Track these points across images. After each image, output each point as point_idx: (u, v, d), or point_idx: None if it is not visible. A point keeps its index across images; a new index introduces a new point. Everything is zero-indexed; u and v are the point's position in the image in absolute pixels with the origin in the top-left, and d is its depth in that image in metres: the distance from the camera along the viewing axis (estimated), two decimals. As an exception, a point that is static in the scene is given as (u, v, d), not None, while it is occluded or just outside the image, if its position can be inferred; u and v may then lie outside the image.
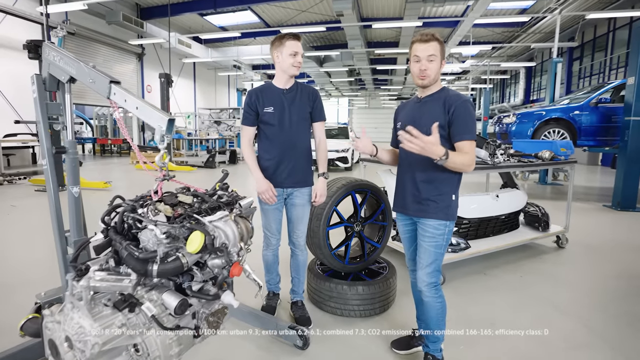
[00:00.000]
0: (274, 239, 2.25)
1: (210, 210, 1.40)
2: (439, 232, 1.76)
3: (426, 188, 1.78)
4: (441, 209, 1.76)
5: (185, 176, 9.84)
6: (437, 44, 1.74)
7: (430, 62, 1.74)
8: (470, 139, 1.70)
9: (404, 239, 1.99)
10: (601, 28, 16.21)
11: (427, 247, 1.78)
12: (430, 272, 1.78)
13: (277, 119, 2.13)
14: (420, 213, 1.80)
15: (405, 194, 1.87)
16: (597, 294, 2.85)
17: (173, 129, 1.40)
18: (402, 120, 1.89)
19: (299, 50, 2.09)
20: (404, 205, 1.88)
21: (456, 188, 1.82)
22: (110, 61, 15.36)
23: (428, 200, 1.78)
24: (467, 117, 1.70)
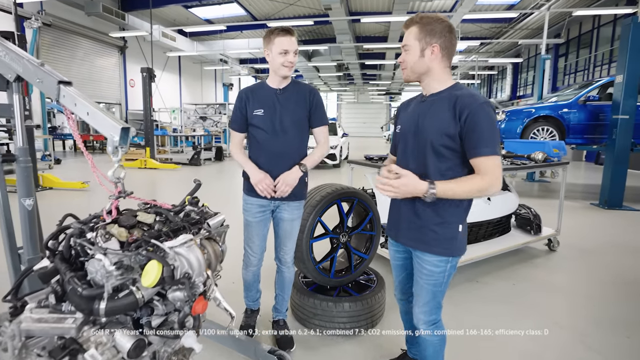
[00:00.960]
0: (255, 258, 2.01)
1: (173, 232, 1.22)
2: (439, 269, 1.42)
3: (426, 214, 1.41)
4: (442, 242, 1.40)
5: (169, 175, 9.55)
6: (415, 28, 1.37)
7: (405, 52, 1.41)
8: (490, 153, 1.28)
9: (394, 266, 1.69)
10: (586, 25, 16.37)
11: (424, 285, 1.46)
12: (429, 310, 1.48)
13: (266, 122, 1.87)
14: (416, 244, 1.46)
15: (399, 218, 1.52)
16: (592, 302, 2.76)
17: (128, 139, 1.22)
18: (402, 123, 1.54)
19: (290, 48, 1.80)
20: (397, 232, 1.55)
21: (464, 217, 1.44)
22: (90, 54, 14.83)
23: (426, 230, 1.42)
24: (485, 125, 1.28)
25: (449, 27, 1.37)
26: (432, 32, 1.36)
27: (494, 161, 1.29)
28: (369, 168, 3.14)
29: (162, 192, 7.77)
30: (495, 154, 1.30)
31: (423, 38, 1.37)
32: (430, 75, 1.41)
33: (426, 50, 1.37)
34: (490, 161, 1.29)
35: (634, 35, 5.74)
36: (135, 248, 1.10)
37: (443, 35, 1.36)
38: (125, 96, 16.91)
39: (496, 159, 1.30)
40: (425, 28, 1.36)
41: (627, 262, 3.57)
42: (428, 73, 1.41)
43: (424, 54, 1.38)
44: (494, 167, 1.29)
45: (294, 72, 1.93)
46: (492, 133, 1.30)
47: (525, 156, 3.65)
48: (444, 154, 1.37)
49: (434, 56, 1.37)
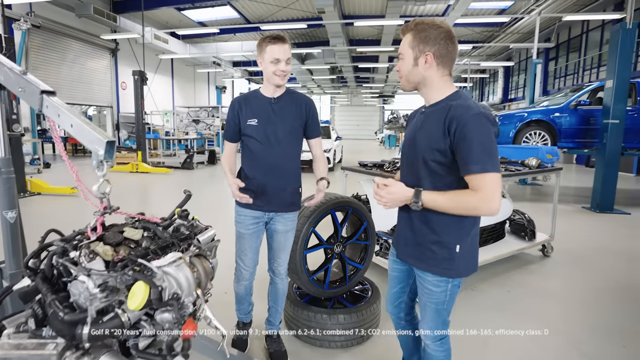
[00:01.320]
0: (247, 272, 1.95)
1: (161, 249, 1.17)
2: (439, 289, 1.36)
3: (422, 231, 1.34)
4: (440, 262, 1.32)
5: (161, 179, 9.44)
6: (409, 35, 1.30)
7: (401, 60, 1.34)
8: (479, 171, 1.16)
9: (390, 277, 1.60)
10: (575, 30, 16.63)
11: (427, 303, 1.40)
12: (434, 326, 1.42)
13: (260, 132, 1.82)
14: (415, 262, 1.40)
15: (399, 231, 1.48)
16: (587, 309, 2.75)
17: (114, 152, 1.17)
18: (406, 134, 1.48)
19: (282, 57, 1.73)
20: (397, 243, 1.52)
21: (463, 237, 1.32)
22: (81, 57, 14.63)
23: (423, 248, 1.35)
24: (475, 139, 1.16)
25: (445, 33, 1.27)
26: (425, 40, 1.27)
27: (485, 179, 1.16)
28: (363, 175, 3.11)
29: (153, 197, 7.67)
30: (486, 170, 1.16)
31: (416, 46, 1.28)
32: (427, 85, 1.33)
33: (419, 58, 1.29)
34: (482, 179, 1.17)
35: (623, 40, 5.82)
36: (122, 268, 1.05)
37: (437, 43, 1.26)
38: (117, 99, 16.71)
39: (488, 176, 1.17)
40: (419, 35, 1.27)
41: (621, 267, 3.59)
42: (424, 83, 1.32)
43: (417, 62, 1.30)
44: (486, 185, 1.16)
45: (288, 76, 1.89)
46: (483, 147, 1.17)
47: (519, 162, 3.65)
48: (436, 171, 1.29)
49: (428, 65, 1.28)
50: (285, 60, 1.76)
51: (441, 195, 1.23)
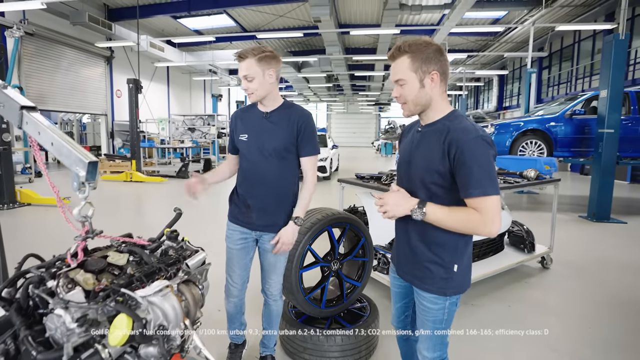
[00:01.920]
0: (235, 289, 1.88)
1: (147, 276, 1.10)
2: (437, 306, 1.34)
3: (420, 250, 1.34)
4: (437, 281, 1.32)
5: (155, 188, 9.33)
6: (407, 58, 1.24)
7: (401, 86, 1.28)
8: (480, 194, 1.16)
9: (393, 293, 1.60)
10: (567, 39, 16.86)
11: (425, 321, 1.38)
12: (432, 347, 1.38)
13: (249, 148, 1.77)
14: (412, 279, 1.40)
15: (397, 248, 1.49)
16: (588, 324, 2.69)
17: (96, 174, 1.10)
18: (401, 151, 1.46)
19: (241, 74, 1.67)
20: (396, 262, 1.52)
21: (461, 256, 1.33)
22: (75, 64, 14.54)
23: (420, 266, 1.35)
24: (474, 162, 1.16)
25: (439, 49, 1.26)
26: (427, 59, 1.24)
27: (486, 202, 1.16)
28: (360, 187, 3.05)
29: (146, 207, 7.57)
30: (486, 194, 1.16)
31: (419, 67, 1.25)
32: (431, 106, 1.30)
33: (425, 79, 1.25)
34: (483, 203, 1.16)
35: (617, 50, 5.86)
36: (103, 298, 0.98)
37: (438, 60, 1.25)
38: (112, 107, 16.60)
39: (489, 199, 1.16)
40: (419, 56, 1.24)
41: (621, 280, 3.54)
42: (429, 104, 1.30)
43: (423, 84, 1.26)
44: (487, 208, 1.16)
45: (284, 84, 1.84)
46: (483, 171, 1.17)
47: (518, 173, 3.62)
48: (435, 192, 1.28)
49: (434, 84, 1.27)
50: (244, 77, 1.67)
51: (444, 209, 1.22)
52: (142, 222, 5.86)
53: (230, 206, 1.90)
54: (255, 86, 1.68)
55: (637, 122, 6.78)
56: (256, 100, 1.75)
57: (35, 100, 13.13)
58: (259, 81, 1.68)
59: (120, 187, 9.39)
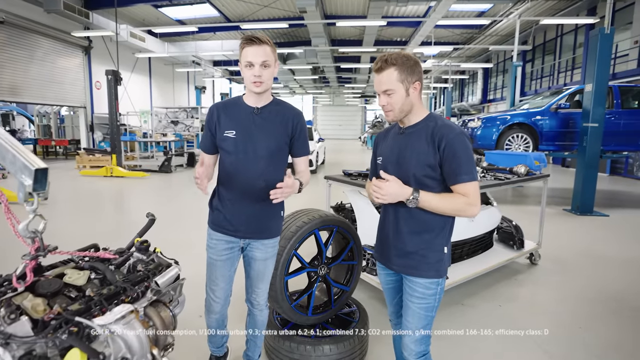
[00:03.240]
0: (218, 305, 1.72)
1: (109, 299, 0.97)
2: (430, 291, 1.44)
3: (413, 240, 1.45)
4: (431, 265, 1.44)
5: (137, 184, 9.04)
6: (394, 71, 1.37)
7: (389, 96, 1.40)
8: (469, 180, 1.36)
9: (386, 290, 1.65)
10: (550, 33, 17.07)
11: (416, 310, 1.46)
12: (420, 339, 1.47)
13: (237, 146, 1.60)
14: (406, 269, 1.48)
15: (387, 243, 1.53)
16: (579, 324, 2.67)
17: (46, 183, 0.96)
18: (383, 154, 1.55)
19: (255, 60, 1.51)
20: (386, 257, 1.55)
21: (448, 239, 1.49)
22: (51, 54, 13.92)
23: (415, 255, 1.45)
24: (463, 153, 1.36)
25: (417, 61, 1.42)
26: (411, 71, 1.39)
27: (473, 186, 1.37)
28: (347, 185, 2.95)
29: (126, 204, 7.31)
30: (474, 179, 1.37)
31: (405, 79, 1.39)
32: (412, 111, 1.45)
33: (410, 89, 1.41)
34: (471, 186, 1.36)
35: (602, 45, 5.88)
36: (54, 329, 0.85)
37: (418, 72, 1.41)
38: (91, 99, 16.01)
39: (475, 184, 1.37)
40: (405, 69, 1.38)
41: (607, 275, 3.56)
42: (411, 109, 1.45)
43: (408, 93, 1.41)
44: (474, 191, 1.37)
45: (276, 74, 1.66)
46: (470, 160, 1.37)
47: (508, 169, 3.57)
48: (427, 184, 1.41)
49: (416, 92, 1.43)
50: (261, 64, 1.52)
51: (434, 194, 1.37)
52: (120, 221, 5.65)
53: (212, 213, 1.72)
54: (268, 75, 1.57)
55: (620, 116, 6.87)
56: (263, 90, 1.57)
57: (9, 92, 12.55)
58: (271, 71, 1.57)
59: (100, 182, 9.06)
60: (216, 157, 1.73)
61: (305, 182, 1.68)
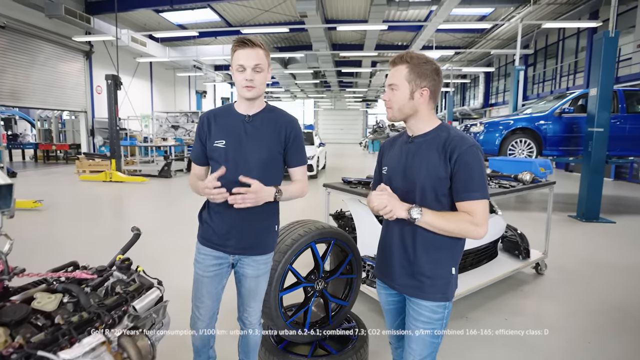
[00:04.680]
0: (203, 322, 1.61)
1: (80, 326, 0.88)
2: (437, 315, 1.32)
3: (421, 258, 1.32)
4: (439, 288, 1.32)
5: (136, 189, 8.97)
6: (405, 68, 1.30)
7: (392, 90, 1.33)
8: (480, 197, 1.23)
9: (387, 311, 1.52)
10: (552, 37, 17.02)
11: (421, 335, 1.33)
12: None
13: (228, 157, 1.50)
14: (412, 291, 1.35)
15: (391, 260, 1.40)
16: (585, 337, 2.56)
17: (12, 199, 0.87)
18: (389, 164, 1.43)
19: (247, 62, 1.42)
20: (389, 276, 1.42)
21: (458, 259, 1.37)
22: (52, 59, 13.94)
23: (421, 276, 1.33)
24: (475, 168, 1.24)
25: (437, 70, 1.33)
26: (422, 75, 1.30)
27: (482, 205, 1.25)
28: (347, 194, 2.85)
29: (124, 210, 7.23)
30: (485, 197, 1.26)
31: (413, 80, 1.30)
32: (416, 117, 1.36)
33: (415, 92, 1.31)
34: (479, 205, 1.25)
35: (607, 48, 5.80)
36: (14, 367, 0.75)
37: (432, 79, 1.32)
38: (92, 103, 16.01)
39: (485, 203, 1.26)
40: (416, 70, 1.30)
41: (616, 286, 3.43)
42: (415, 115, 1.35)
43: (413, 96, 1.32)
44: (483, 210, 1.25)
45: (270, 80, 1.57)
46: (482, 176, 1.27)
47: (512, 176, 3.47)
48: (436, 198, 1.31)
49: (423, 99, 1.32)
50: (253, 67, 1.43)
51: (436, 212, 1.26)
52: (117, 228, 5.55)
53: (201, 226, 1.63)
54: (261, 80, 1.48)
55: (625, 121, 6.77)
56: (255, 96, 1.49)
57: (10, 96, 12.54)
58: (264, 76, 1.49)
59: (99, 187, 8.99)
60: (208, 169, 1.64)
61: (299, 193, 1.58)
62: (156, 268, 1.65)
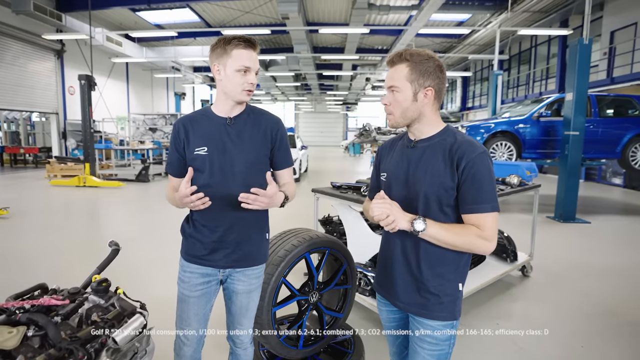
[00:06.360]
0: (189, 349, 1.47)
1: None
2: (445, 336, 1.23)
3: (426, 274, 1.22)
4: (446, 306, 1.22)
5: (111, 194, 8.60)
6: (405, 67, 1.19)
7: (393, 93, 1.21)
8: (490, 210, 1.14)
9: (389, 328, 1.43)
10: (525, 44, 17.69)
11: (427, 357, 1.24)
12: None
13: (211, 164, 1.38)
14: (417, 310, 1.25)
15: (393, 276, 1.30)
16: (577, 342, 2.58)
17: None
18: (388, 170, 1.32)
19: (253, 65, 1.35)
20: (391, 292, 1.32)
21: (465, 274, 1.27)
22: (20, 58, 13.28)
23: (426, 293, 1.23)
24: (485, 177, 1.15)
25: (440, 66, 1.21)
26: (426, 73, 1.19)
27: (492, 218, 1.15)
28: (337, 199, 2.77)
29: (100, 217, 6.90)
30: (495, 210, 1.16)
31: (416, 80, 1.19)
32: (421, 121, 1.24)
33: (419, 93, 1.20)
34: (489, 218, 1.15)
35: (581, 55, 5.99)
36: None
37: (437, 77, 1.20)
38: (64, 105, 15.33)
39: (495, 216, 1.16)
40: (418, 68, 1.18)
41: (600, 286, 3.51)
42: (419, 119, 1.24)
43: (416, 97, 1.20)
44: (492, 224, 1.15)
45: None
46: (492, 186, 1.17)
47: (500, 180, 3.50)
48: (440, 209, 1.21)
49: (427, 100, 1.21)
50: (256, 70, 1.39)
51: (441, 224, 1.16)
52: (90, 239, 5.20)
53: (185, 241, 1.50)
54: (255, 81, 1.40)
55: (598, 125, 7.02)
56: (247, 100, 1.41)
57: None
58: (255, 78, 1.40)
59: (72, 193, 8.58)
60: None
61: (291, 196, 1.49)
62: (135, 282, 1.52)
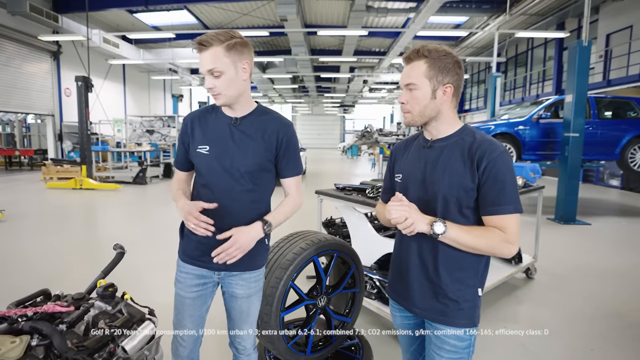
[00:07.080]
0: (185, 349, 1.43)
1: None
2: (464, 343, 1.18)
3: (446, 278, 1.17)
4: (466, 312, 1.17)
5: (108, 196, 8.51)
6: (423, 63, 1.15)
7: (411, 91, 1.17)
8: (513, 211, 1.10)
9: (403, 335, 1.38)
10: (521, 46, 17.81)
11: None
12: None
13: (211, 165, 1.33)
14: (435, 316, 1.20)
15: (408, 280, 1.25)
16: (585, 344, 2.55)
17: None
18: (404, 171, 1.28)
19: (203, 68, 1.25)
20: (405, 297, 1.27)
21: (484, 278, 1.23)
22: (16, 59, 13.18)
23: (444, 298, 1.18)
24: (507, 177, 1.11)
25: (459, 62, 1.18)
26: (444, 70, 1.15)
27: (515, 220, 1.11)
28: (341, 201, 2.73)
29: (98, 220, 6.81)
30: (518, 211, 1.12)
31: (434, 76, 1.15)
32: (439, 119, 1.21)
33: (438, 90, 1.16)
34: (512, 219, 1.11)
35: (581, 57, 6.01)
36: None
37: (456, 73, 1.17)
38: (60, 106, 15.21)
39: (517, 217, 1.12)
40: (437, 64, 1.15)
41: (602, 288, 3.49)
42: (437, 117, 1.20)
43: (435, 95, 1.16)
44: (515, 226, 1.11)
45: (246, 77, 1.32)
46: (514, 187, 1.13)
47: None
48: (459, 211, 1.17)
49: (446, 97, 1.18)
50: (208, 72, 1.25)
51: (462, 226, 1.12)
52: (90, 241, 5.12)
53: (182, 241, 1.46)
54: (225, 84, 1.26)
55: (597, 126, 7.03)
56: (225, 103, 1.31)
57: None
58: (230, 77, 1.26)
59: (68, 195, 8.48)
60: (192, 174, 1.48)
61: (293, 211, 1.44)
62: (136, 286, 1.47)
